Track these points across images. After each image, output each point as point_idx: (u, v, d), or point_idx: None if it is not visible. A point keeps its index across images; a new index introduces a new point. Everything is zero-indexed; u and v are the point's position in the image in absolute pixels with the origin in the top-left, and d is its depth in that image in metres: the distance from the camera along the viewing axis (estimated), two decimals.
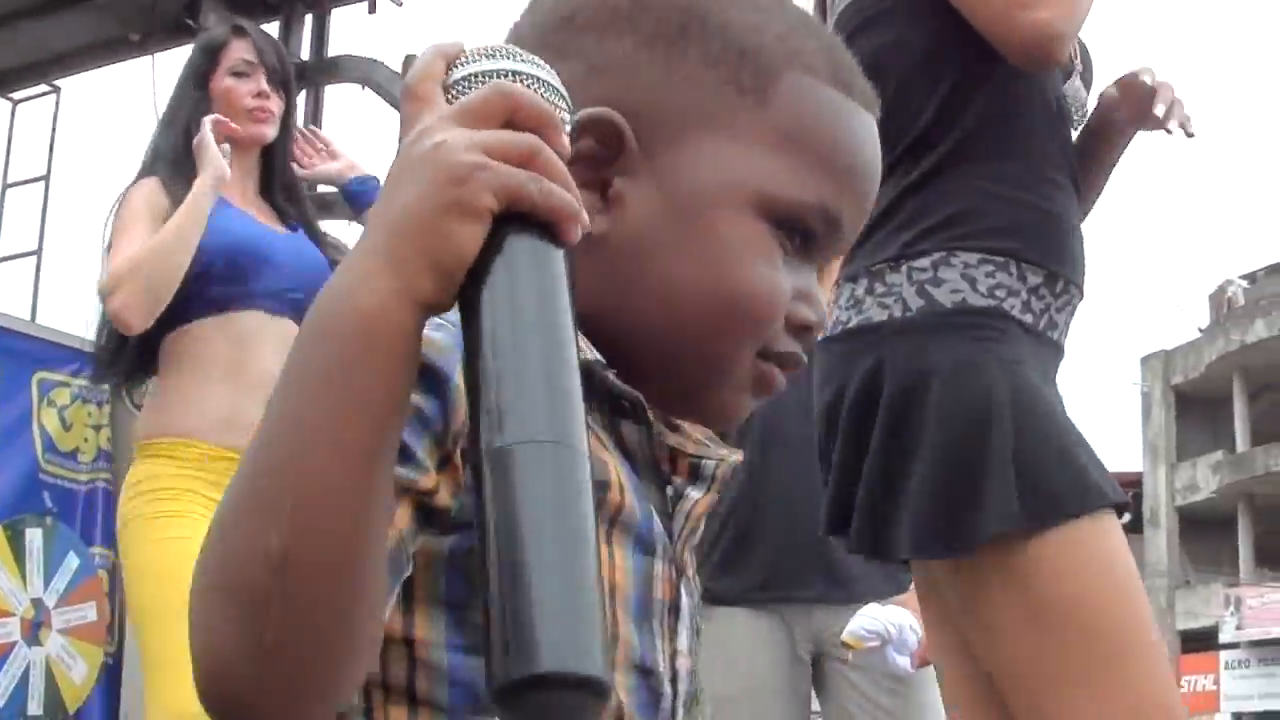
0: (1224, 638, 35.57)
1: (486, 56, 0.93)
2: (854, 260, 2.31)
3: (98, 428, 5.59)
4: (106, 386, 5.53)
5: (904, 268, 2.24)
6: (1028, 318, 2.24)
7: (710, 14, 1.14)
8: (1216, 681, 35.41)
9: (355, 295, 0.84)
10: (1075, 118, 2.47)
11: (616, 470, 1.08)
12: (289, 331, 3.66)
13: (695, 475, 1.18)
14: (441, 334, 0.98)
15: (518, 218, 0.84)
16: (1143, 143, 2.49)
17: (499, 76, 0.92)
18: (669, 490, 1.17)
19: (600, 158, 1.12)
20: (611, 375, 1.10)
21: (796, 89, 1.14)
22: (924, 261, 2.23)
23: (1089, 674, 2.06)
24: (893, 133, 2.21)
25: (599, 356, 1.09)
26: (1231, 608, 35.48)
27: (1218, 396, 38.26)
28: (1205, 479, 37.65)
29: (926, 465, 2.13)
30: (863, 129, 1.17)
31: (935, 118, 2.27)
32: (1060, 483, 2.11)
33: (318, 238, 3.91)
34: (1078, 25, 2.22)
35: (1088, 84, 2.58)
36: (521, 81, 0.91)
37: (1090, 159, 2.49)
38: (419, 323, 0.85)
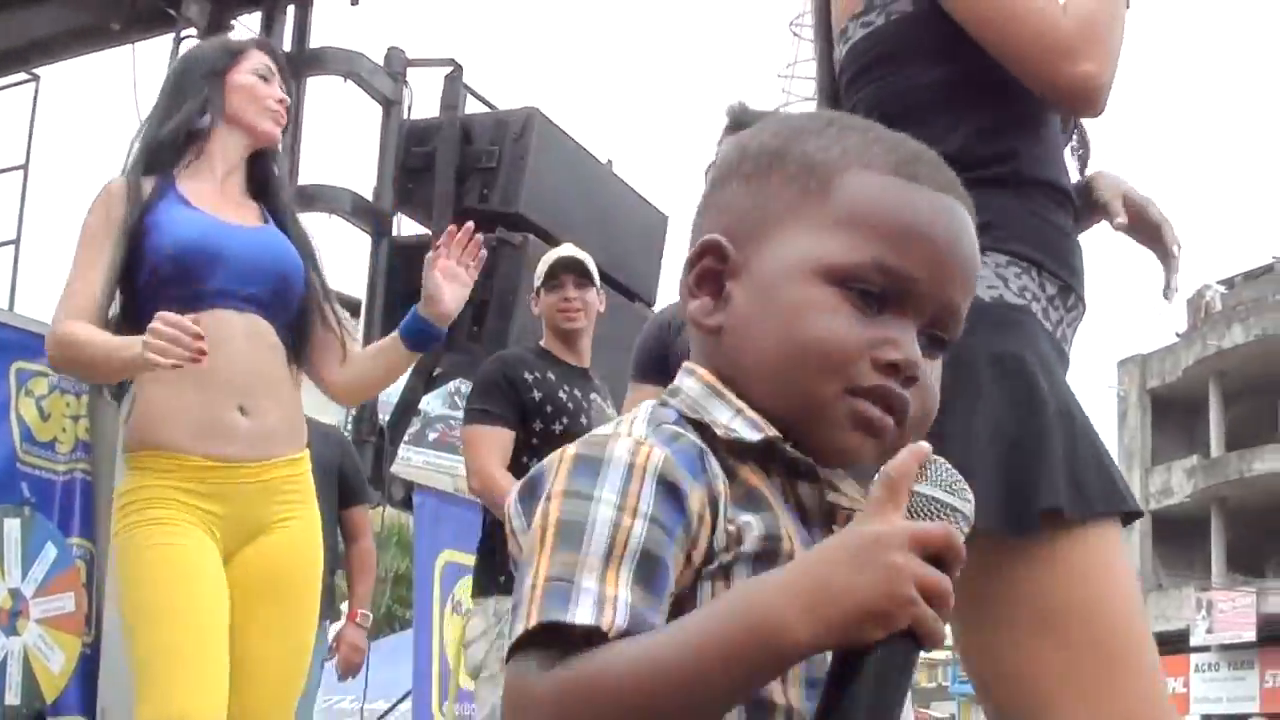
0: (1195, 641, 35.73)
1: (943, 488, 1.24)
2: None
3: (76, 418, 5.58)
4: None
5: None
6: (1047, 324, 2.29)
7: (791, 148, 1.45)
8: (1186, 684, 35.58)
9: (790, 627, 1.15)
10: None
11: (788, 529, 1.34)
12: (259, 328, 3.64)
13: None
14: (678, 454, 1.29)
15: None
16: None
17: (948, 510, 1.24)
18: None
19: (716, 271, 1.44)
20: (789, 447, 1.37)
21: (854, 181, 1.40)
22: None
23: (1090, 677, 2.07)
24: None
25: (777, 432, 1.36)
26: (1203, 611, 35.65)
27: (1194, 401, 38.44)
28: (1180, 483, 37.85)
29: (985, 449, 2.13)
30: (928, 202, 1.41)
31: (969, 144, 2.26)
32: (1096, 482, 2.16)
33: (290, 233, 3.85)
34: (1115, 72, 2.27)
35: (1084, 162, 2.63)
36: (956, 520, 1.23)
37: None
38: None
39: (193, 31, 6.29)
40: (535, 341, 5.31)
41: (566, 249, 5.30)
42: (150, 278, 3.56)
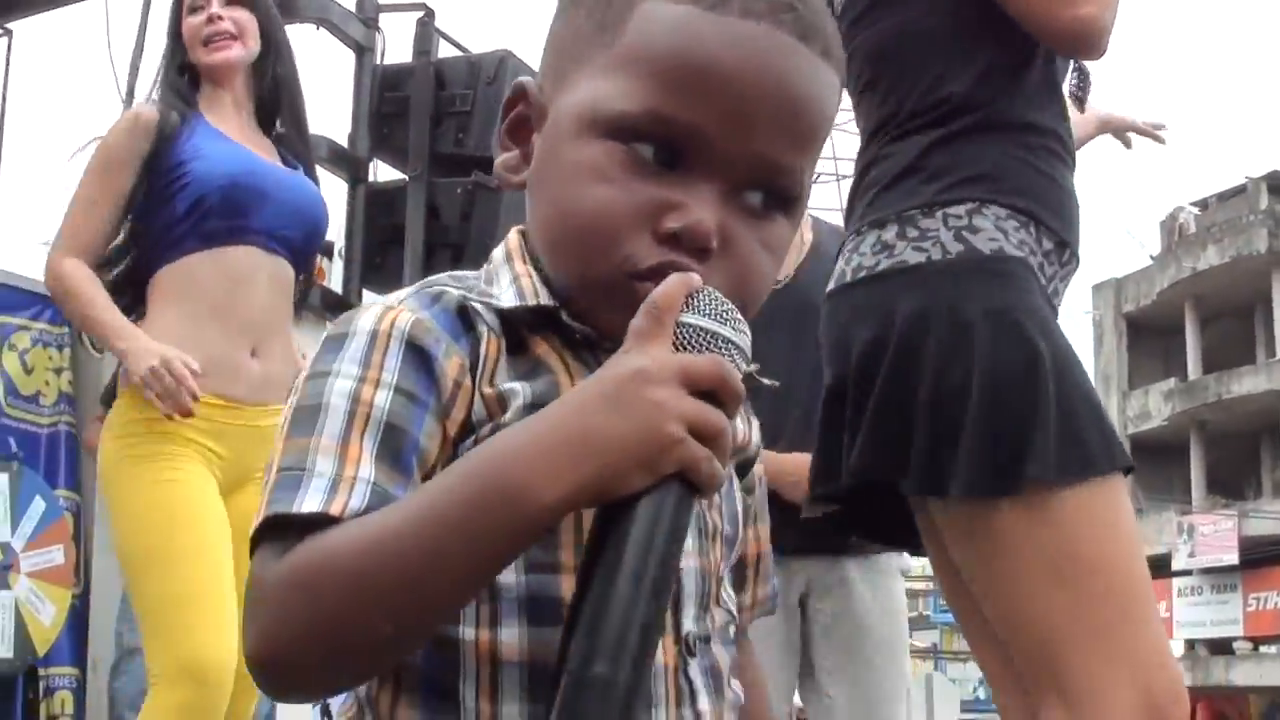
0: (1176, 565, 35.83)
1: (713, 317, 1.09)
2: (878, 208, 2.34)
3: (59, 371, 5.60)
4: (66, 330, 5.53)
5: (939, 213, 2.28)
6: (1042, 279, 2.29)
7: None
8: (1169, 609, 35.68)
9: (536, 488, 1.02)
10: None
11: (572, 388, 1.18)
12: (283, 271, 3.65)
13: None
14: (430, 314, 1.18)
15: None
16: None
17: (719, 341, 1.08)
18: None
19: (527, 118, 1.28)
20: (564, 315, 1.23)
21: (647, 13, 1.20)
22: (959, 209, 2.27)
23: (1098, 628, 2.12)
24: (918, 91, 2.33)
25: (548, 300, 1.23)
26: (1184, 535, 35.80)
27: (1170, 324, 38.41)
28: (1157, 407, 37.88)
29: (979, 407, 2.16)
30: (729, 35, 1.17)
31: (970, 89, 2.32)
32: (1094, 440, 2.17)
33: (313, 174, 3.85)
34: (1116, 14, 2.28)
35: (1080, 103, 2.67)
36: (729, 352, 1.08)
37: None
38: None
39: None
40: None
41: None
42: (194, 207, 3.53)
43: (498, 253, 1.30)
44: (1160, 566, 35.09)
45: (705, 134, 1.16)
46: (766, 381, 1.21)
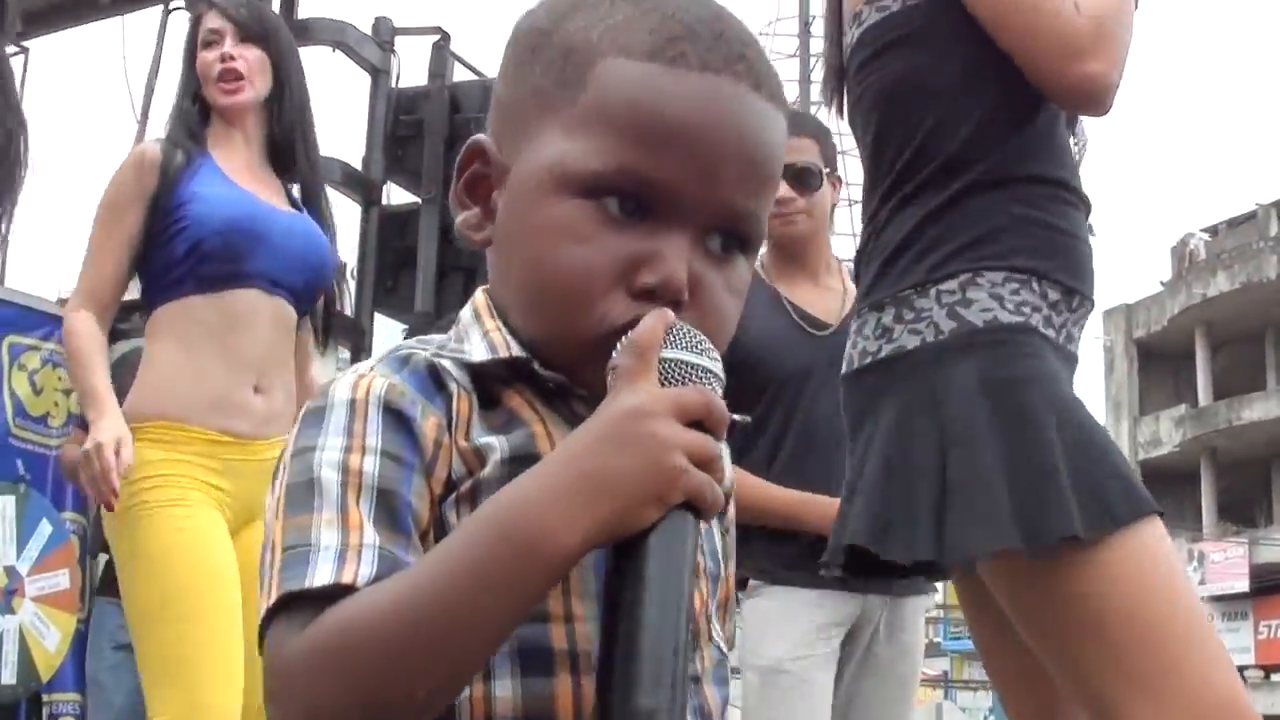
0: None
1: (691, 350, 1.13)
2: (878, 289, 2.36)
3: (68, 392, 5.54)
4: None
5: (932, 291, 2.29)
6: (1050, 332, 2.29)
7: (557, 29, 1.26)
8: None
9: (556, 533, 1.04)
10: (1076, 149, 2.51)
11: (550, 440, 1.21)
12: (284, 312, 3.64)
13: None
14: (401, 378, 1.19)
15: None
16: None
17: (700, 372, 1.12)
18: None
19: (485, 176, 1.29)
20: (536, 365, 1.23)
21: (608, 71, 1.21)
22: (951, 284, 2.28)
23: (1150, 679, 2.09)
24: (919, 144, 2.33)
25: (519, 353, 1.24)
26: (1194, 562, 35.75)
27: (1180, 350, 38.50)
28: (1168, 433, 37.95)
29: (995, 478, 2.16)
30: (691, 90, 1.20)
31: (969, 142, 2.31)
32: (1113, 492, 2.15)
33: (321, 215, 3.84)
34: (1123, 71, 2.27)
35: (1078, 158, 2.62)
36: (710, 381, 1.13)
37: None
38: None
39: (180, 3, 6.26)
40: None
41: None
42: (191, 250, 3.52)
43: (466, 312, 1.30)
44: None
45: (674, 186, 1.18)
46: (738, 418, 1.19)
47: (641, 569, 1.06)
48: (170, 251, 3.54)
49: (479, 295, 1.32)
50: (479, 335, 1.26)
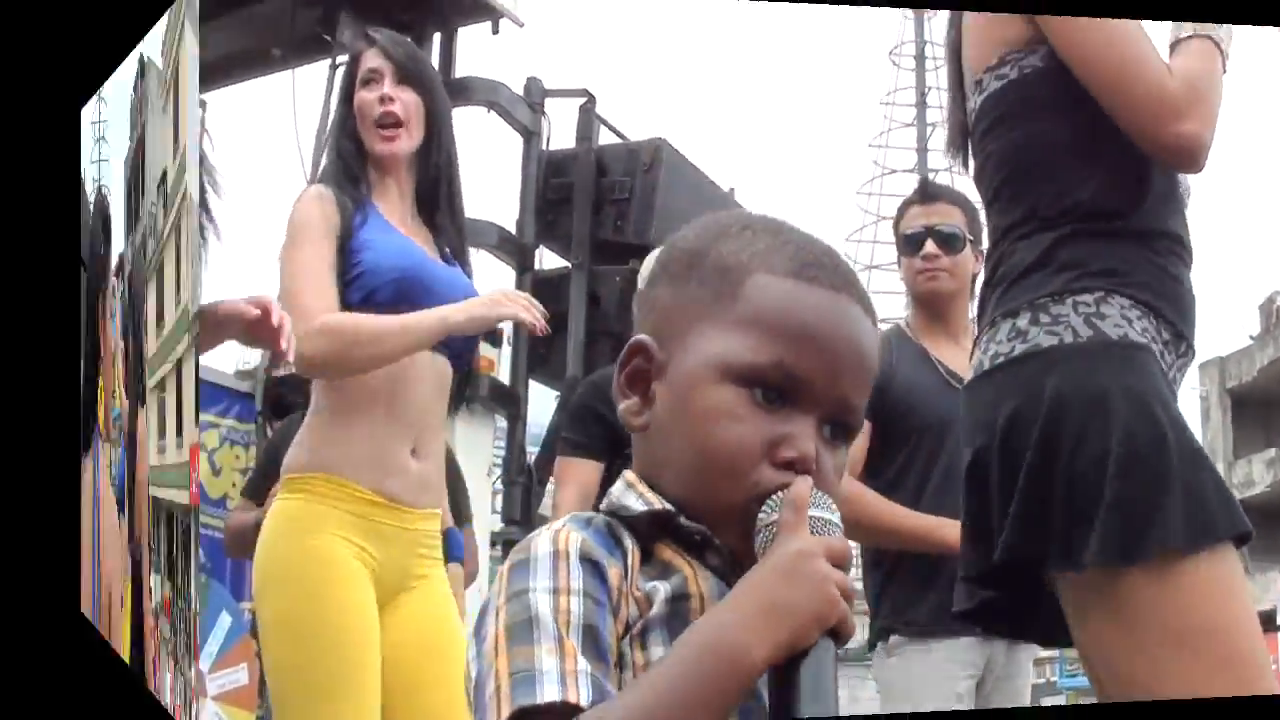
0: None
1: (825, 509, 1.39)
2: (1009, 299, 2.50)
3: (244, 472, 5.26)
4: (253, 427, 5.20)
5: (1069, 300, 2.42)
6: (1163, 366, 2.42)
7: (709, 249, 1.52)
8: (1275, 661, 36.33)
9: (750, 649, 1.28)
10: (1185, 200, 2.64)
11: (702, 586, 1.43)
12: (445, 371, 3.47)
13: None
14: (593, 535, 1.41)
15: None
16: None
17: (832, 525, 1.39)
18: None
19: (645, 370, 1.52)
20: (682, 519, 1.45)
21: (758, 285, 1.48)
22: (1088, 297, 2.41)
23: (1221, 691, 2.19)
24: (1046, 198, 2.50)
25: (668, 506, 1.46)
26: None
27: (1269, 398, 39.76)
28: (1260, 474, 39.12)
29: (1114, 480, 2.27)
30: (825, 304, 1.48)
31: (1095, 197, 2.46)
32: (1217, 508, 2.29)
33: (467, 267, 3.67)
34: (1215, 131, 2.42)
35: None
36: (837, 531, 1.39)
37: None
38: None
39: (347, 58, 6.14)
40: None
41: None
42: (365, 299, 3.35)
43: (618, 485, 1.52)
44: (1266, 622, 35.81)
45: (810, 380, 1.45)
46: None
47: (802, 678, 1.29)
48: (343, 300, 3.35)
49: (627, 473, 1.53)
50: (634, 497, 1.48)
